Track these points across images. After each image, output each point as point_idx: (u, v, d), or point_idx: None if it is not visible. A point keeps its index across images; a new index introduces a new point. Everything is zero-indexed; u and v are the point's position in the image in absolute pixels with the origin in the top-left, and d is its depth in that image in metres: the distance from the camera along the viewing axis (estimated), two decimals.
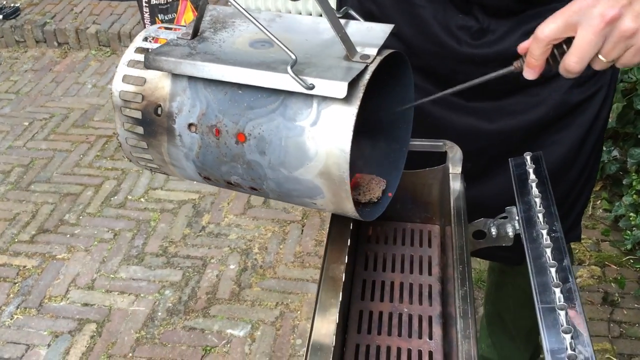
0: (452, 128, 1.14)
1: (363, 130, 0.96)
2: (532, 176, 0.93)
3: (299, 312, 2.16)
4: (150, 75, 0.82)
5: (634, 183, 2.17)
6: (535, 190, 0.90)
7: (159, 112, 0.82)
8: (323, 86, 0.70)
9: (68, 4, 4.05)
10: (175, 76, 0.80)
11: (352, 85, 0.71)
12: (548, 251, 0.79)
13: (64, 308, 2.20)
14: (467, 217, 1.00)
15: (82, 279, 2.31)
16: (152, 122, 0.83)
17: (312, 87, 0.70)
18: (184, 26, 0.87)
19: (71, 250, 2.43)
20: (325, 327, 0.75)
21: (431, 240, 1.06)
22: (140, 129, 0.85)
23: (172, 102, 0.81)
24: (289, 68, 0.70)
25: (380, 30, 0.81)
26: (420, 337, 0.89)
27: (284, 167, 0.77)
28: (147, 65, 0.79)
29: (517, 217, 0.91)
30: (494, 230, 0.97)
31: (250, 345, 2.04)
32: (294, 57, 0.71)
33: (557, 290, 0.73)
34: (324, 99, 0.73)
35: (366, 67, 0.74)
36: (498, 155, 1.15)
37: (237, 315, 2.15)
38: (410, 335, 0.89)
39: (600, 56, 0.76)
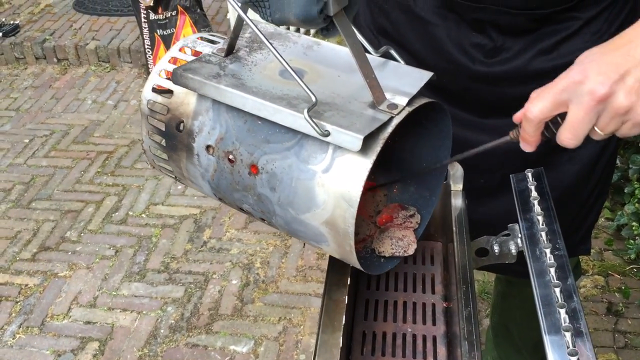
0: (467, 145, 1.13)
1: (396, 169, 0.93)
2: (534, 193, 0.92)
3: (302, 326, 2.15)
4: (178, 89, 0.81)
5: (636, 192, 2.17)
6: (537, 208, 0.90)
7: (181, 128, 0.81)
8: (338, 135, 0.67)
9: (67, 21, 4.07)
10: (201, 95, 0.79)
11: (372, 136, 0.67)
12: (552, 270, 0.79)
13: (67, 326, 2.19)
14: (479, 233, 0.99)
15: (84, 296, 2.30)
16: (174, 136, 0.83)
17: (327, 134, 0.67)
18: (224, 38, 0.85)
19: (73, 267, 2.43)
20: (329, 352, 0.74)
21: (434, 258, 1.06)
22: (162, 140, 0.85)
23: (194, 121, 0.80)
24: (305, 111, 0.67)
25: (418, 77, 0.76)
26: (424, 357, 0.88)
27: (292, 207, 0.75)
28: (174, 80, 0.78)
29: (519, 235, 0.90)
30: (496, 248, 0.97)
31: None
32: (314, 99, 0.68)
33: (562, 311, 0.72)
34: (340, 146, 0.69)
35: (391, 119, 0.70)
36: (512, 172, 1.14)
37: (240, 331, 2.14)
38: (414, 356, 0.88)
39: (596, 129, 0.73)
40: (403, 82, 0.75)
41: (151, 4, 3.18)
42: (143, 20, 3.27)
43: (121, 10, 4.10)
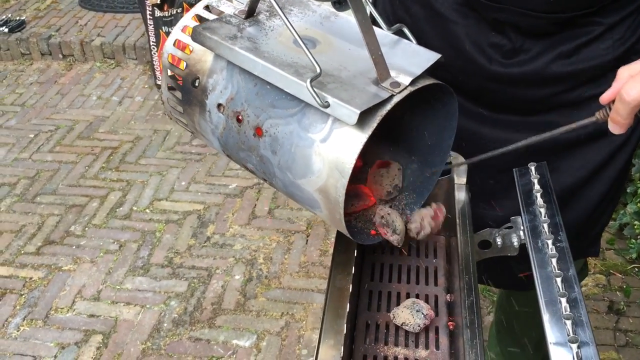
0: (482, 140, 1.12)
1: (402, 146, 0.95)
2: (536, 186, 0.94)
3: (304, 322, 2.16)
4: (198, 46, 0.83)
5: (638, 191, 2.18)
6: (540, 200, 0.91)
7: (196, 84, 0.85)
8: (337, 108, 0.69)
9: (73, 17, 4.09)
10: (217, 54, 0.81)
11: (369, 112, 0.69)
12: (553, 261, 0.80)
13: (70, 319, 2.21)
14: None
15: (88, 290, 2.32)
16: (189, 91, 0.86)
17: (327, 106, 0.69)
18: None
19: (77, 261, 2.44)
20: (333, 339, 0.75)
21: (437, 251, 1.07)
22: (179, 94, 0.88)
23: (209, 78, 0.83)
24: (308, 80, 0.69)
25: (425, 58, 0.78)
26: (427, 347, 0.89)
27: (290, 172, 0.78)
28: (194, 37, 0.81)
29: (522, 227, 0.91)
30: (499, 240, 0.98)
31: (256, 355, 2.05)
32: (318, 70, 0.70)
33: (563, 300, 0.73)
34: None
35: (391, 97, 0.71)
36: None
37: (243, 325, 2.15)
38: (417, 346, 0.89)
39: None
40: (410, 61, 0.77)
41: (157, 2, 3.20)
42: (149, 17, 3.29)
43: (127, 7, 4.12)
